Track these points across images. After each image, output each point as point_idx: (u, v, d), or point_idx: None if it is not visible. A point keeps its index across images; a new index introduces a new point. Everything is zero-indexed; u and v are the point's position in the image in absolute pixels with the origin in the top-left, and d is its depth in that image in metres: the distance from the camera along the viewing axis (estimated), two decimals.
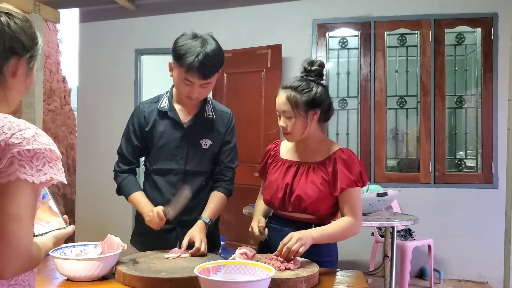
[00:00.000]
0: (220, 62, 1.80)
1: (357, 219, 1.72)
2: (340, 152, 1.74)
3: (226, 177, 1.97)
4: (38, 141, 0.97)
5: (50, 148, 0.99)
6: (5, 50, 1.02)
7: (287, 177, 1.78)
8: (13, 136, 0.94)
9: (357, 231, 1.73)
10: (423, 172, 4.46)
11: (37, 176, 0.95)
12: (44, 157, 0.97)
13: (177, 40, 1.79)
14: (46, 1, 4.58)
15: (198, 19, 4.75)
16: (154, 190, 1.92)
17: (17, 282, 1.01)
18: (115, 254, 1.55)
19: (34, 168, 0.95)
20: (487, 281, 4.32)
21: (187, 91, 1.80)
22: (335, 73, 4.74)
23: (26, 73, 1.09)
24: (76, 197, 5.28)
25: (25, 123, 0.99)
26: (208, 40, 1.77)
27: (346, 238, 1.72)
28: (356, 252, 4.27)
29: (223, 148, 1.96)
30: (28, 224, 0.95)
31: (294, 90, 1.70)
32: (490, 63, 4.41)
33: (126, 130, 1.96)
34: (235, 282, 1.30)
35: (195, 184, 1.90)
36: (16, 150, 0.94)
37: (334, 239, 1.72)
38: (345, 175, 1.69)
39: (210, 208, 1.89)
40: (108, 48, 5.07)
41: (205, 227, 1.84)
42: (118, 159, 1.97)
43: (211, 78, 1.79)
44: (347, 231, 1.69)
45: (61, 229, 1.18)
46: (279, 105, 1.74)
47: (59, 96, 6.34)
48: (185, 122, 1.90)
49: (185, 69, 1.74)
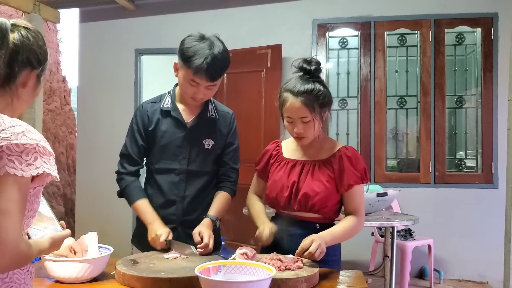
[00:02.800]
0: (227, 64, 1.80)
1: (361, 217, 1.77)
2: (344, 149, 1.76)
3: (231, 178, 1.98)
4: (27, 137, 0.97)
5: (41, 144, 0.99)
6: (22, 61, 1.06)
7: (293, 176, 1.77)
8: (2, 131, 0.96)
9: (360, 229, 1.77)
10: (423, 172, 4.46)
11: (27, 170, 0.96)
12: (35, 152, 0.98)
13: (184, 41, 1.79)
14: (46, 1, 4.58)
15: (198, 19, 4.75)
16: (156, 190, 1.91)
17: (12, 280, 1.02)
18: (103, 256, 1.55)
19: (23, 162, 0.96)
20: (487, 281, 4.32)
21: (192, 92, 1.80)
22: (335, 73, 4.73)
23: (35, 85, 1.13)
24: (76, 197, 5.28)
25: (16, 121, 1.00)
26: (216, 42, 1.77)
27: (351, 237, 1.76)
28: (356, 252, 4.26)
29: (227, 149, 1.97)
30: (17, 219, 0.95)
31: (309, 94, 1.67)
32: (490, 63, 4.41)
33: (130, 130, 1.95)
34: (236, 282, 1.30)
35: (197, 184, 1.90)
36: (5, 145, 0.94)
37: (341, 240, 1.76)
38: (351, 172, 1.71)
39: (216, 207, 1.90)
40: (108, 48, 5.07)
41: (211, 224, 1.84)
42: (122, 159, 1.94)
43: (218, 80, 1.80)
44: (353, 231, 1.74)
45: (58, 232, 1.18)
46: (294, 112, 1.69)
47: (59, 96, 6.34)
48: (188, 122, 1.90)
49: (193, 71, 1.74)
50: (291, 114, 1.70)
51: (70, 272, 1.47)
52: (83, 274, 1.48)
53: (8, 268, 0.99)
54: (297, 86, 1.69)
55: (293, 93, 1.69)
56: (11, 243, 0.93)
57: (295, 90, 1.69)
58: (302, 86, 1.69)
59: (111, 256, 1.59)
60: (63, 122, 6.35)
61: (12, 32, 1.05)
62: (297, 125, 1.71)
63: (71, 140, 6.39)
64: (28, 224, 1.07)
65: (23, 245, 0.97)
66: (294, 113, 1.69)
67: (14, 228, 0.94)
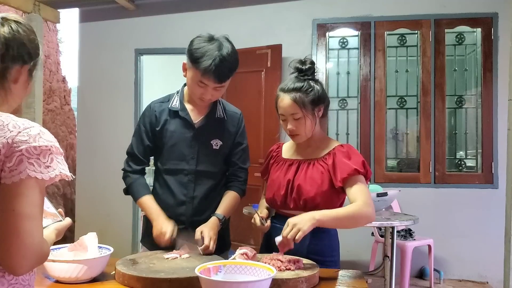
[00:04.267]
0: (235, 65, 1.81)
1: (366, 204, 1.61)
2: (339, 146, 1.77)
3: (240, 177, 1.98)
4: (43, 139, 0.98)
5: (55, 145, 1.01)
6: (13, 56, 1.05)
7: (288, 174, 1.79)
8: (19, 134, 0.96)
9: (370, 217, 1.62)
10: (423, 172, 4.46)
11: (46, 172, 0.97)
12: (51, 153, 0.99)
13: (193, 42, 1.79)
14: (46, 1, 4.58)
15: (198, 19, 4.75)
16: (165, 190, 1.91)
17: (18, 281, 1.02)
18: (103, 256, 1.54)
19: (42, 165, 0.97)
20: (487, 281, 4.33)
21: (200, 93, 1.81)
22: (335, 73, 4.74)
23: (26, 80, 1.11)
24: (76, 197, 5.28)
25: (29, 121, 1.01)
26: (224, 43, 1.77)
27: (358, 223, 1.63)
28: (356, 252, 4.27)
29: (236, 149, 1.97)
30: (39, 221, 0.98)
31: (298, 91, 1.71)
32: (490, 63, 4.41)
33: (137, 129, 1.96)
34: (236, 282, 1.30)
35: (206, 184, 1.90)
36: (24, 148, 0.95)
37: (342, 222, 1.61)
38: (344, 164, 1.69)
39: (224, 205, 1.90)
40: (108, 48, 5.06)
41: (218, 223, 1.84)
42: (128, 158, 1.96)
43: (226, 82, 1.81)
44: (357, 214, 1.60)
45: (60, 222, 1.21)
46: (285, 108, 1.73)
47: (59, 96, 6.34)
48: (196, 122, 1.90)
49: (201, 72, 1.74)
50: (283, 111, 1.75)
51: (70, 272, 1.47)
52: (83, 274, 1.48)
53: (32, 268, 1.02)
54: (288, 84, 1.75)
55: (283, 91, 1.75)
56: (37, 246, 0.96)
57: (285, 88, 1.75)
58: (293, 83, 1.74)
59: (111, 256, 1.59)
60: (63, 122, 6.35)
61: (2, 26, 1.04)
62: (289, 122, 1.75)
63: (71, 140, 6.39)
64: None
65: (45, 245, 1.01)
66: (285, 110, 1.74)
67: (38, 231, 0.97)
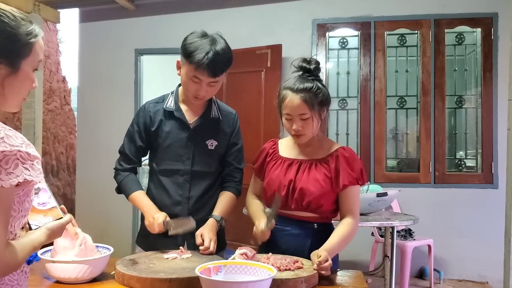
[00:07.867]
0: (229, 61, 1.80)
1: (356, 219, 1.76)
2: (342, 150, 1.76)
3: (236, 178, 1.98)
4: (7, 143, 0.93)
5: (23, 149, 0.95)
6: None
7: (290, 174, 1.77)
8: None
9: (355, 233, 1.75)
10: (423, 172, 4.46)
11: (7, 179, 0.92)
12: (16, 159, 0.94)
13: (187, 38, 1.79)
14: (46, 1, 4.57)
15: (198, 19, 4.75)
16: (161, 191, 1.91)
17: (3, 282, 1.00)
18: (103, 256, 1.54)
19: (3, 171, 0.92)
20: (487, 281, 4.32)
21: (194, 89, 1.80)
22: (335, 73, 4.73)
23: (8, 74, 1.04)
24: (76, 197, 5.28)
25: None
26: (218, 39, 1.78)
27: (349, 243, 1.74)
28: (356, 252, 4.26)
29: (231, 149, 1.97)
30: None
31: (308, 91, 1.69)
32: (490, 63, 4.41)
33: (129, 129, 1.95)
34: (236, 282, 1.30)
35: (202, 184, 1.90)
36: None
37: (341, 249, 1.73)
38: (347, 172, 1.71)
39: (221, 206, 1.90)
40: (108, 48, 5.06)
41: (216, 225, 1.84)
42: (120, 157, 1.96)
43: (220, 77, 1.80)
44: (353, 233, 1.73)
45: (56, 220, 1.16)
46: (293, 108, 1.70)
47: (59, 96, 6.34)
48: (191, 123, 1.89)
49: (195, 67, 1.74)
50: (290, 111, 1.71)
51: (70, 273, 1.47)
52: (83, 274, 1.48)
53: None
54: (296, 83, 1.72)
55: (292, 90, 1.71)
56: None
57: (295, 87, 1.71)
58: (302, 83, 1.71)
59: (111, 256, 1.59)
60: (63, 122, 6.35)
61: None
62: (296, 122, 1.72)
63: (71, 140, 6.39)
64: (20, 225, 1.05)
65: (8, 254, 0.94)
66: (293, 110, 1.71)
67: None
